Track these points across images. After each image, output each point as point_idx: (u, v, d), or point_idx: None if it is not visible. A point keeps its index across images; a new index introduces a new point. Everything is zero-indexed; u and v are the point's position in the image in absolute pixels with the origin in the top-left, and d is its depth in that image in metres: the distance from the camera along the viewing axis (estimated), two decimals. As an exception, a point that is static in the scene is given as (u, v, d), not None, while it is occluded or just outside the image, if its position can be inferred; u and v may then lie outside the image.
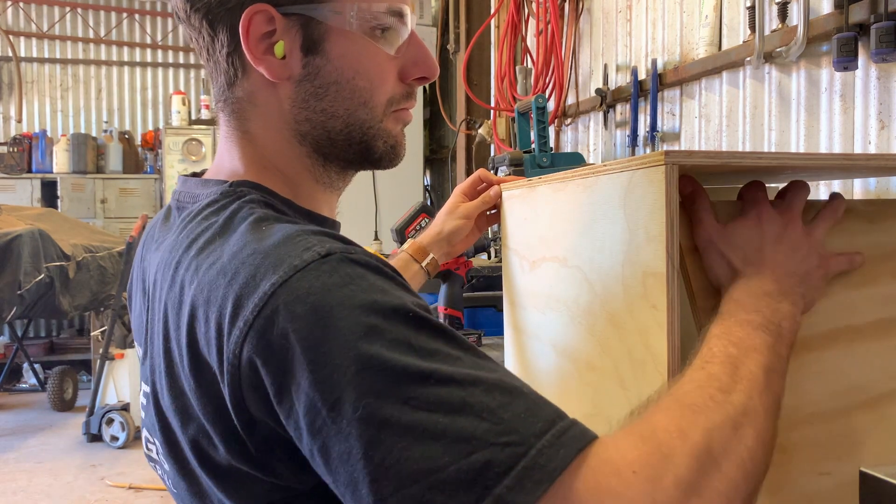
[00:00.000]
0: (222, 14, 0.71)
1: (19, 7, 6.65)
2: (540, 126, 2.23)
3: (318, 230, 0.65)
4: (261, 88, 0.75)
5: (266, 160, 0.77)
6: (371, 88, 0.75)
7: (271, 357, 0.58)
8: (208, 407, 0.63)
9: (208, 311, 0.62)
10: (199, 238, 0.69)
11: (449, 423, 0.53)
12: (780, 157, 0.82)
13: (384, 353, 0.55)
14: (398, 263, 1.28)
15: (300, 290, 0.58)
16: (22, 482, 3.84)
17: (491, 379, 0.57)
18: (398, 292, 0.60)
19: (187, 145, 6.21)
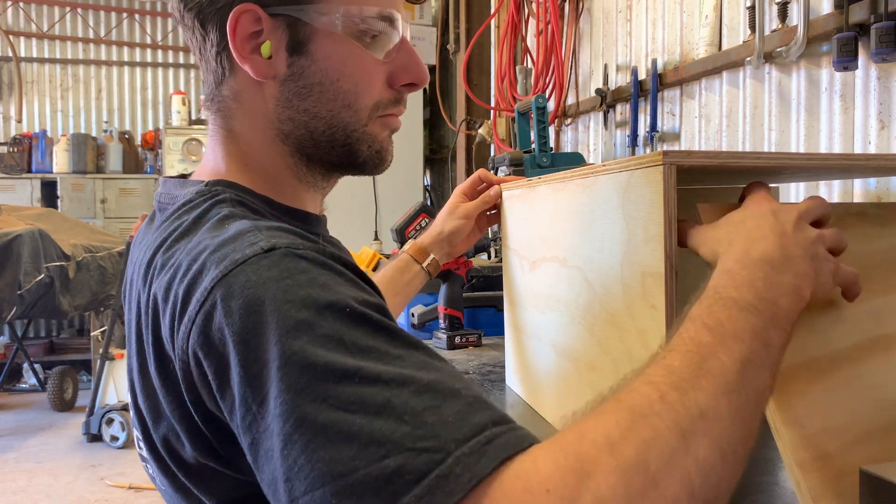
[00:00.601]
0: (212, 13, 0.73)
1: (19, 7, 6.65)
2: (540, 126, 2.23)
3: (276, 226, 0.65)
4: (247, 87, 0.76)
5: (248, 158, 0.78)
6: (356, 91, 0.75)
7: (211, 351, 0.58)
8: (173, 404, 0.64)
9: (166, 308, 0.63)
10: (168, 238, 0.70)
11: (366, 423, 0.50)
12: (779, 157, 0.82)
13: (308, 349, 0.53)
14: (399, 265, 1.28)
15: (237, 284, 0.58)
16: (22, 482, 3.84)
17: (425, 380, 0.53)
18: (341, 288, 0.58)
19: (187, 145, 6.21)
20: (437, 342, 1.80)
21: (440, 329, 1.79)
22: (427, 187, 5.22)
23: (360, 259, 2.73)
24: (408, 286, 1.29)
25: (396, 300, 1.28)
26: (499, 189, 1.31)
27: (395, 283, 1.28)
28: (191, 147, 6.22)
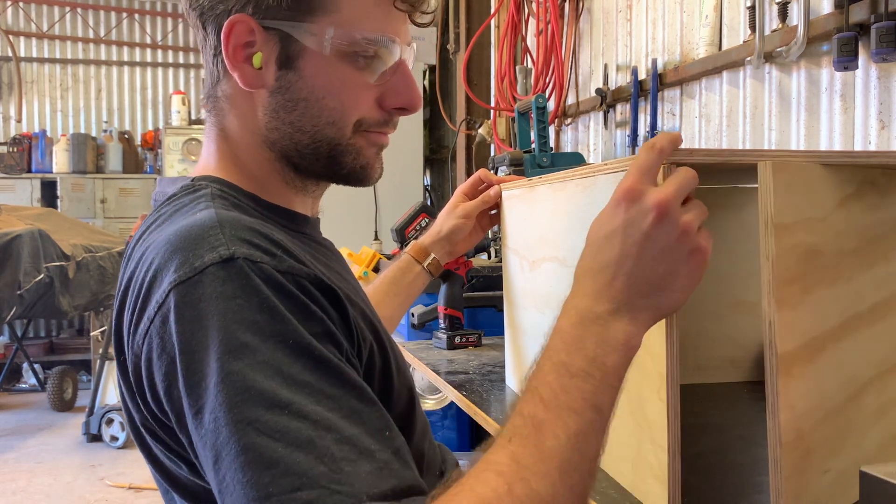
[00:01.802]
0: (211, 17, 0.75)
1: (19, 7, 6.65)
2: (540, 126, 2.23)
3: (240, 222, 0.65)
4: (238, 92, 0.77)
5: (237, 157, 0.80)
6: (341, 109, 0.76)
7: (163, 353, 0.60)
8: (130, 395, 0.68)
9: (131, 300, 0.66)
10: (146, 231, 0.73)
11: (286, 454, 0.53)
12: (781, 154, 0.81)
13: (247, 372, 0.56)
14: (400, 265, 1.29)
15: (192, 294, 0.60)
16: (22, 482, 3.84)
17: (347, 433, 0.56)
18: (290, 315, 0.60)
19: (187, 145, 6.21)
20: (436, 342, 1.80)
21: (440, 329, 1.79)
22: (427, 187, 5.22)
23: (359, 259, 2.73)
24: (409, 287, 1.30)
25: (398, 301, 1.28)
26: (499, 189, 1.31)
27: (397, 284, 1.28)
28: (191, 147, 6.21)
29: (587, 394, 0.62)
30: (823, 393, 0.73)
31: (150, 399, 0.64)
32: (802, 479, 0.71)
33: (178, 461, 0.67)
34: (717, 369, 1.30)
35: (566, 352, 0.64)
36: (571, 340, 0.64)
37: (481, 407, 1.24)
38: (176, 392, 0.60)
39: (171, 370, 0.60)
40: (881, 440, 0.80)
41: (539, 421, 0.60)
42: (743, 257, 1.18)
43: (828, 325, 0.73)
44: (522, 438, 0.60)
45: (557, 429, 0.60)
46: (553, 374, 0.63)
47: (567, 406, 0.61)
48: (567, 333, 0.65)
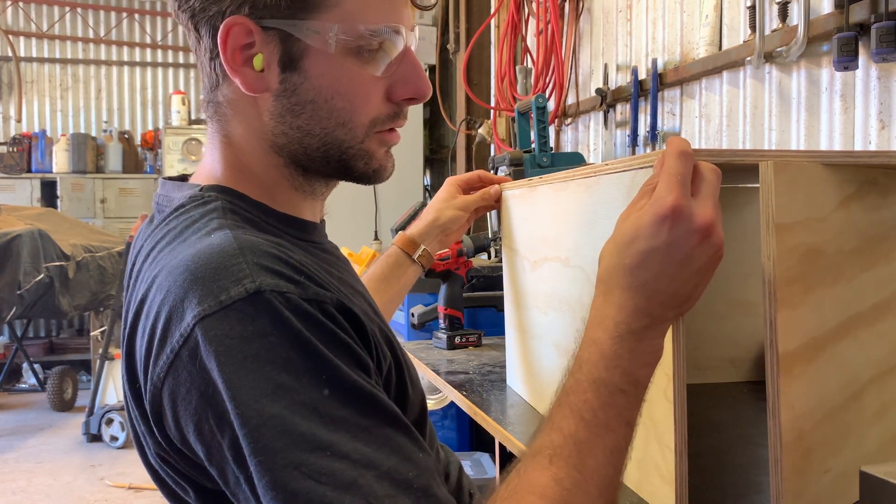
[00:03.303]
0: (205, 19, 0.71)
1: (19, 7, 6.65)
2: (540, 126, 2.23)
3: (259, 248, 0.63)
4: (240, 96, 0.74)
5: (244, 165, 0.76)
6: (351, 109, 0.73)
7: (191, 391, 0.59)
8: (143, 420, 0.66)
9: (146, 325, 0.64)
10: (156, 246, 0.70)
11: (334, 497, 0.54)
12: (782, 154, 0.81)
13: (286, 415, 0.56)
14: (390, 261, 1.26)
15: (220, 330, 0.58)
16: (22, 482, 3.84)
17: (385, 466, 0.57)
18: (322, 347, 0.59)
19: (187, 145, 6.21)
20: (436, 342, 1.80)
21: (440, 329, 1.79)
22: (427, 187, 5.22)
23: (359, 259, 2.73)
24: (401, 281, 1.26)
25: (388, 296, 1.25)
26: (499, 189, 1.31)
27: (389, 280, 1.25)
28: (190, 147, 6.21)
29: (622, 410, 0.64)
30: (824, 393, 0.73)
31: (171, 429, 0.63)
32: (802, 479, 0.71)
33: (188, 486, 0.67)
34: (717, 369, 1.30)
35: (605, 367, 0.64)
36: (610, 355, 0.65)
37: (481, 407, 1.24)
38: (207, 427, 0.59)
39: (201, 406, 0.59)
40: (881, 440, 0.80)
41: (579, 441, 0.62)
42: (743, 257, 1.18)
43: (828, 325, 0.73)
44: (564, 460, 0.61)
45: (596, 448, 0.62)
46: (592, 391, 0.64)
47: (605, 424, 0.63)
48: (605, 347, 0.65)
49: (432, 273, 1.71)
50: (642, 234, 0.65)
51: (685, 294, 0.66)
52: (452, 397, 1.38)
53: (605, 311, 0.67)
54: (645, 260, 0.65)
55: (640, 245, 0.65)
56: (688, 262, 0.65)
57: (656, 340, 0.66)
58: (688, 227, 0.64)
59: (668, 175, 0.66)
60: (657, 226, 0.64)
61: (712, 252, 0.65)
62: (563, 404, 0.65)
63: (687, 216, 0.64)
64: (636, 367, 0.65)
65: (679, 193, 0.64)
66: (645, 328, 0.65)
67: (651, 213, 0.65)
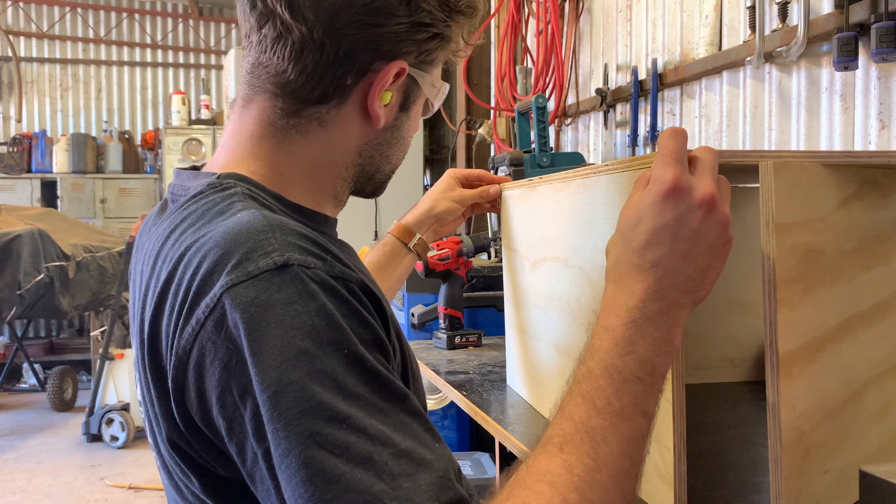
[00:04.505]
0: (368, 49, 0.73)
1: (19, 7, 6.65)
2: (540, 126, 2.23)
3: (288, 227, 0.64)
4: (345, 120, 0.77)
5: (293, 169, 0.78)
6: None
7: (214, 361, 0.60)
8: (156, 393, 0.66)
9: (174, 302, 0.64)
10: (176, 229, 0.71)
11: (348, 471, 0.54)
12: (782, 154, 0.81)
13: (306, 382, 0.56)
14: (386, 250, 1.27)
15: (247, 298, 0.59)
16: (22, 482, 3.84)
17: (402, 445, 0.56)
18: (345, 321, 0.60)
19: (187, 145, 6.21)
20: (437, 342, 1.80)
21: (440, 329, 1.79)
22: (427, 187, 5.22)
23: (360, 259, 2.73)
24: (398, 270, 1.28)
25: (386, 286, 1.25)
26: (499, 189, 1.31)
27: (386, 269, 1.26)
28: (191, 147, 6.21)
29: (638, 398, 0.62)
30: (824, 393, 0.73)
31: (192, 404, 0.62)
32: (802, 479, 0.71)
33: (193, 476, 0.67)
34: (717, 369, 1.30)
35: (618, 354, 0.63)
36: (623, 342, 0.63)
37: (481, 407, 1.24)
38: (230, 399, 0.59)
39: (224, 377, 0.59)
40: (881, 440, 0.80)
41: (591, 428, 0.61)
42: (743, 257, 1.17)
43: (828, 325, 0.73)
44: (575, 447, 0.60)
45: (610, 436, 0.60)
46: (605, 378, 0.63)
47: (619, 412, 0.61)
48: (618, 333, 0.64)
49: (432, 273, 1.71)
50: (646, 214, 0.65)
51: (698, 276, 0.65)
52: (452, 397, 1.38)
53: (616, 299, 0.66)
54: (653, 239, 0.64)
55: (646, 225, 0.65)
56: (697, 239, 0.64)
57: (673, 328, 0.64)
58: (690, 202, 0.64)
59: (663, 155, 0.66)
60: (661, 203, 0.64)
61: (720, 229, 0.65)
62: (575, 392, 0.63)
63: (687, 191, 0.64)
64: (652, 355, 0.63)
65: (677, 170, 0.65)
66: (659, 313, 0.64)
67: (653, 192, 0.65)
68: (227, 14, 7.14)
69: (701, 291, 0.66)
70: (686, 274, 0.65)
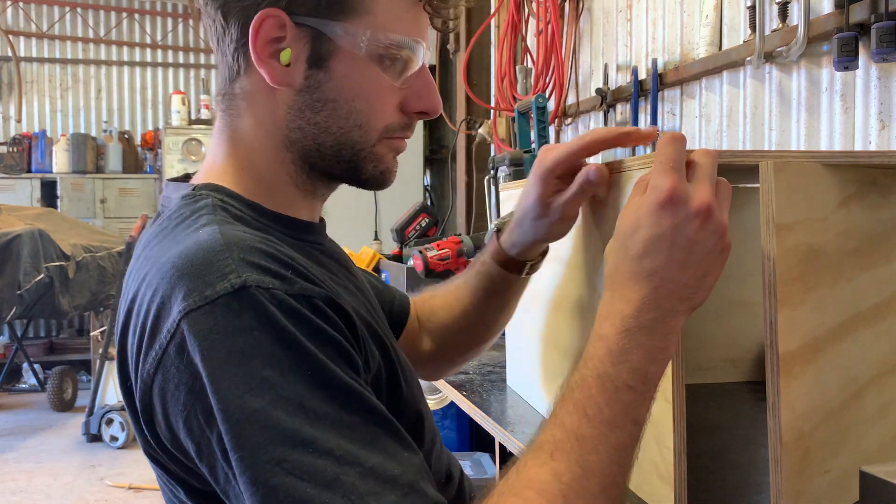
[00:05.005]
0: (237, 9, 0.72)
1: (19, 7, 6.65)
2: (540, 126, 2.23)
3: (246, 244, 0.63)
4: (259, 89, 0.75)
5: (246, 160, 0.77)
6: (369, 112, 0.75)
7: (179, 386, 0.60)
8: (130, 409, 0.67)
9: (136, 322, 0.64)
10: (148, 245, 0.71)
11: (315, 494, 0.54)
12: (783, 154, 0.81)
13: (269, 410, 0.56)
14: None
15: (205, 325, 0.59)
16: (22, 482, 3.84)
17: (370, 463, 0.56)
18: (308, 341, 0.59)
19: (187, 145, 6.20)
20: (437, 342, 1.79)
21: (440, 329, 1.78)
22: (427, 187, 5.22)
23: (359, 259, 2.73)
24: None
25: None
26: (600, 170, 0.83)
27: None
28: (190, 147, 6.21)
29: (629, 407, 0.63)
30: (824, 393, 0.73)
31: (161, 427, 0.63)
32: (802, 479, 0.71)
33: (178, 486, 0.68)
34: (717, 369, 1.30)
35: (611, 363, 0.64)
36: (617, 350, 0.64)
37: (481, 407, 1.24)
38: (196, 423, 0.59)
39: (189, 401, 0.59)
40: (881, 440, 0.80)
41: (582, 437, 0.61)
42: (743, 257, 1.17)
43: (828, 325, 0.73)
44: (565, 455, 0.60)
45: (599, 445, 0.61)
46: (597, 386, 0.63)
47: (610, 421, 0.62)
48: (612, 342, 0.64)
49: (432, 273, 1.71)
50: (644, 222, 0.65)
51: (695, 283, 0.65)
52: (452, 397, 1.38)
53: (612, 307, 0.66)
54: (650, 248, 0.65)
55: (644, 233, 0.65)
56: (693, 247, 0.64)
57: (668, 337, 0.65)
58: (686, 211, 0.64)
59: (661, 162, 0.66)
60: (658, 213, 0.65)
61: (716, 237, 0.65)
62: (567, 400, 0.64)
63: (684, 200, 0.64)
64: (645, 364, 0.64)
65: (674, 178, 0.65)
66: (655, 322, 0.64)
67: (650, 201, 0.65)
68: (227, 14, 7.14)
69: (697, 298, 0.66)
70: (682, 282, 0.65)
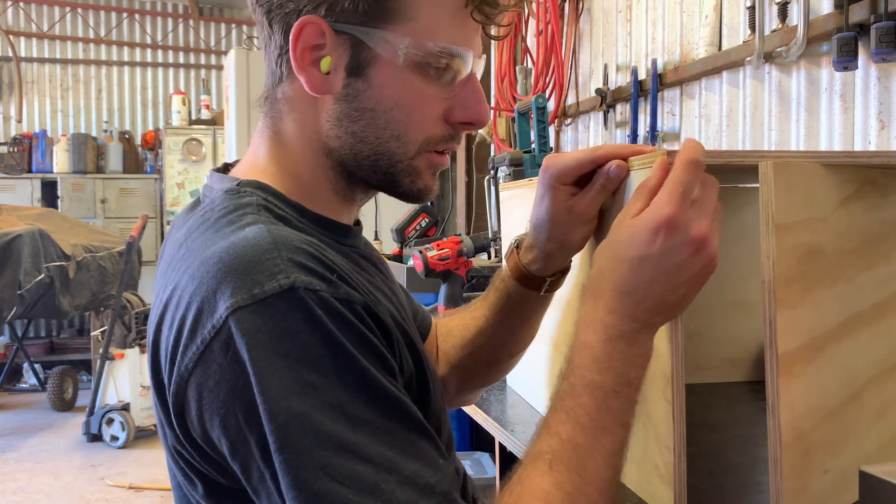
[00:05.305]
0: (280, 16, 0.71)
1: (19, 7, 6.65)
2: (540, 126, 2.23)
3: (294, 245, 0.63)
4: (301, 96, 0.74)
5: (288, 163, 0.77)
6: (408, 122, 0.73)
7: (220, 383, 0.60)
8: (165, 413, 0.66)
9: (175, 315, 0.64)
10: (190, 236, 0.71)
11: (357, 501, 0.55)
12: (782, 154, 0.81)
13: (313, 414, 0.57)
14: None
15: (253, 324, 0.59)
16: (22, 482, 3.84)
17: (408, 471, 0.58)
18: (351, 347, 0.60)
19: (187, 145, 6.20)
20: (437, 342, 1.79)
21: (440, 329, 1.78)
22: (427, 187, 5.21)
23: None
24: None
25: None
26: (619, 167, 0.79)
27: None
28: (191, 147, 6.21)
29: (617, 412, 0.65)
30: (823, 393, 0.73)
31: (193, 423, 0.63)
32: (802, 479, 0.71)
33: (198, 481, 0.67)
34: (717, 369, 1.30)
35: (598, 370, 0.66)
36: (602, 358, 0.66)
37: (481, 407, 1.24)
38: (233, 421, 0.60)
39: (230, 400, 0.60)
40: (881, 440, 0.80)
41: (577, 445, 0.64)
42: (743, 257, 1.18)
43: (828, 325, 0.74)
44: (563, 464, 0.63)
45: (595, 451, 0.64)
46: (587, 394, 0.65)
47: (602, 427, 0.64)
48: (596, 350, 0.67)
49: (432, 273, 1.71)
50: (637, 240, 0.67)
51: (674, 301, 0.68)
52: (452, 397, 1.38)
53: (594, 315, 0.68)
54: (638, 267, 0.67)
55: (634, 251, 0.67)
56: (679, 272, 0.66)
57: (646, 343, 0.68)
58: (682, 238, 0.65)
59: (673, 184, 0.67)
60: (653, 234, 0.66)
61: (704, 263, 0.67)
62: (559, 409, 0.66)
63: (683, 228, 0.65)
64: (628, 369, 0.66)
65: (679, 206, 0.66)
66: (634, 331, 0.67)
67: (648, 220, 0.66)
68: (227, 14, 7.14)
69: (675, 313, 0.70)
70: (665, 301, 0.67)
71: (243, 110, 4.59)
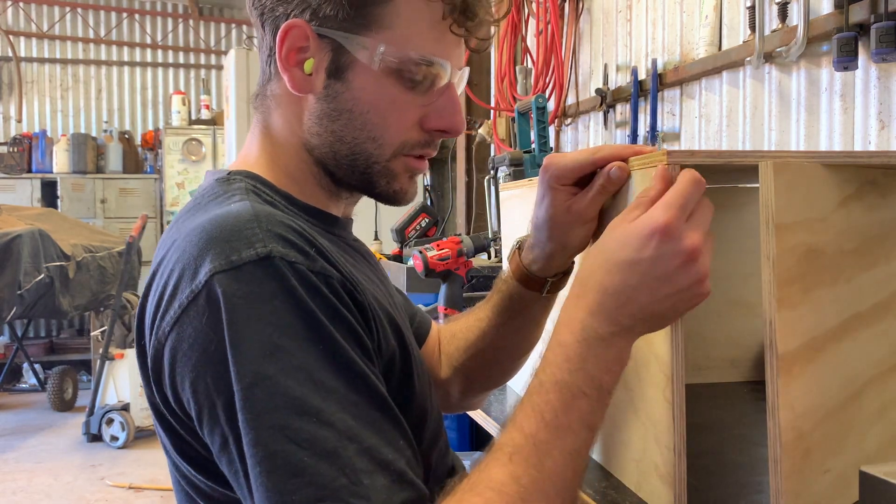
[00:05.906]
0: (271, 18, 0.76)
1: (19, 7, 6.65)
2: (540, 126, 2.23)
3: (275, 218, 0.66)
4: (286, 94, 0.78)
5: (278, 156, 0.81)
6: (383, 125, 0.76)
7: (194, 346, 0.62)
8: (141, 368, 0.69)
9: (158, 283, 0.67)
10: (178, 219, 0.75)
11: (312, 464, 0.56)
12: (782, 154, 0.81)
13: (279, 378, 0.59)
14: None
15: (229, 289, 0.61)
16: (22, 482, 3.84)
17: (367, 443, 0.59)
18: (323, 316, 0.62)
19: (187, 145, 6.20)
20: (437, 342, 1.79)
21: (440, 329, 1.79)
22: (427, 187, 5.22)
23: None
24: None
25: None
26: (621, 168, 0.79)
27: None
28: (191, 147, 6.21)
29: (584, 414, 0.65)
30: (823, 393, 0.73)
31: (166, 385, 0.65)
32: (802, 479, 0.71)
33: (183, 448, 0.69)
34: (717, 369, 1.30)
35: (569, 370, 0.66)
36: (574, 358, 0.66)
37: (481, 407, 1.24)
38: (202, 385, 0.61)
39: (201, 363, 0.61)
40: (881, 440, 0.80)
41: (540, 441, 0.63)
42: (743, 257, 1.18)
43: (828, 325, 0.73)
44: (523, 458, 0.63)
45: (555, 449, 0.63)
46: (555, 392, 0.65)
47: (566, 426, 0.64)
48: (571, 350, 0.66)
49: (432, 273, 1.71)
50: (629, 244, 0.66)
51: (658, 311, 0.67)
52: (452, 397, 1.38)
53: (574, 314, 0.68)
54: (626, 270, 0.66)
55: (625, 255, 0.66)
56: (667, 280, 0.66)
57: (623, 350, 0.67)
58: (674, 247, 0.65)
59: (676, 195, 0.67)
60: (645, 239, 0.66)
61: (695, 279, 0.66)
62: (526, 404, 0.66)
63: (676, 237, 0.65)
64: (600, 373, 0.66)
65: (676, 214, 0.66)
66: (612, 335, 0.66)
67: (642, 225, 0.66)
68: (227, 14, 7.14)
69: (658, 324, 0.69)
70: (648, 309, 0.66)
71: (243, 110, 4.59)
